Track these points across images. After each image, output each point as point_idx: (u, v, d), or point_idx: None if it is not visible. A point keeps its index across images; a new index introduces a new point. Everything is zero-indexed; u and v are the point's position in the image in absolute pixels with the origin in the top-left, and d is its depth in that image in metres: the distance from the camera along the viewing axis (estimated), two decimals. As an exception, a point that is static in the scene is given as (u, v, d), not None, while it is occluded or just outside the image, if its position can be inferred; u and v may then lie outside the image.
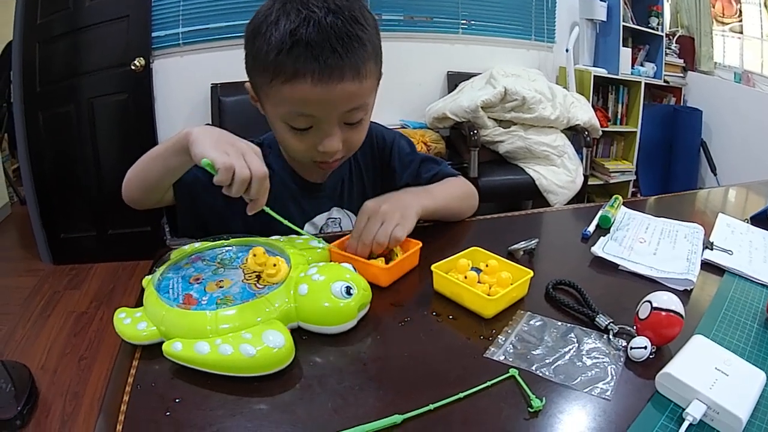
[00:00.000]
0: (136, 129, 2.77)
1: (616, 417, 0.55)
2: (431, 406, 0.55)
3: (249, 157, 0.69)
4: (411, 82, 3.23)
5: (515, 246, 0.89)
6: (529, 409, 0.56)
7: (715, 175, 3.41)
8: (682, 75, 3.71)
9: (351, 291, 0.66)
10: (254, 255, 0.73)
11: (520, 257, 0.88)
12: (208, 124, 2.67)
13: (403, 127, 3.13)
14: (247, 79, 0.90)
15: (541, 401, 0.56)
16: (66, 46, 2.63)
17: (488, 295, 0.72)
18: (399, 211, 0.85)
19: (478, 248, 0.83)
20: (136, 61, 2.65)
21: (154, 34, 2.72)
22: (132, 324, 0.66)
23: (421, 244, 0.84)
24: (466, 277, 0.75)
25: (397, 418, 0.54)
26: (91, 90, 2.70)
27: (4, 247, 3.18)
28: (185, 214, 0.95)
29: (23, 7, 2.53)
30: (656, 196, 1.27)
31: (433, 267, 0.77)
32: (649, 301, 0.66)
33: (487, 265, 0.78)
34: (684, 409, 0.55)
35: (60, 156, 2.75)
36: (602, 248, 0.92)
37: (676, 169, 3.57)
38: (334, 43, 0.77)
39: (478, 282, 0.76)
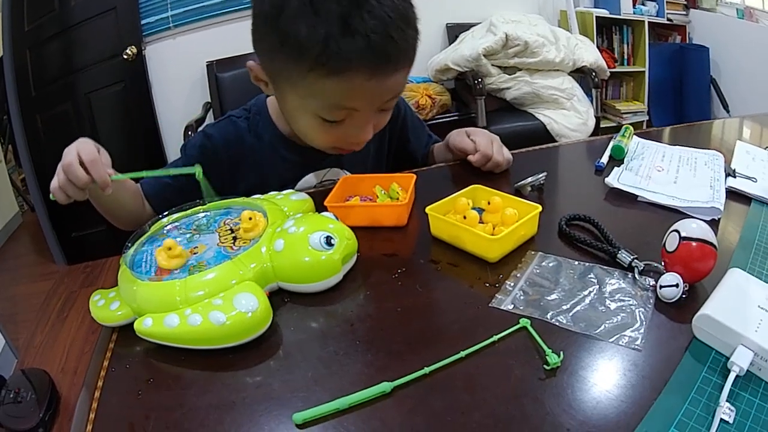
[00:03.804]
0: (137, 117, 2.76)
1: (650, 371, 0.47)
2: (426, 370, 0.48)
3: (65, 166, 0.72)
4: (411, 37, 3.13)
5: (522, 182, 0.81)
6: (545, 367, 0.47)
7: (728, 111, 3.33)
8: (684, 13, 3.62)
9: (332, 241, 0.59)
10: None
11: (528, 193, 0.80)
12: (209, 103, 2.67)
13: (407, 83, 3.02)
14: (250, 56, 0.79)
15: (559, 356, 0.48)
16: (57, 47, 2.60)
17: (492, 234, 0.64)
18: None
19: (480, 186, 0.75)
20: (128, 50, 2.62)
21: (143, 21, 2.69)
22: (105, 305, 0.62)
23: (415, 177, 0.80)
24: (465, 218, 0.67)
25: (386, 387, 0.46)
26: (86, 85, 2.67)
27: (19, 254, 3.17)
28: None
29: (9, 17, 2.50)
30: (670, 126, 1.18)
31: (428, 209, 0.69)
32: (677, 231, 0.58)
33: (489, 203, 0.70)
34: (728, 358, 0.47)
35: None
36: (617, 179, 0.84)
37: (689, 108, 3.51)
38: (392, 29, 0.66)
39: (480, 222, 0.68)
